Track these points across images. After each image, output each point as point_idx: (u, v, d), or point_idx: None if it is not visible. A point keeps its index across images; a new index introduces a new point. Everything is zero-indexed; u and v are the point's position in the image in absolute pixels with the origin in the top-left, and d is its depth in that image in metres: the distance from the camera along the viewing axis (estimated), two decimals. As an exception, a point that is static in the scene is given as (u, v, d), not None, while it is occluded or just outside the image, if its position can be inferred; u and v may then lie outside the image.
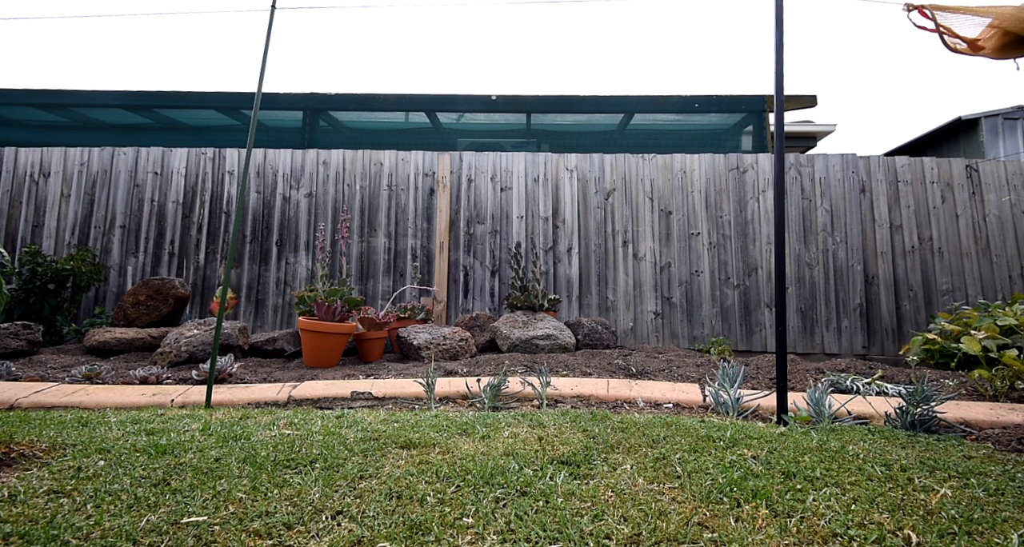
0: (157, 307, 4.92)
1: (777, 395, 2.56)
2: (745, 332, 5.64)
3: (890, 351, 5.49)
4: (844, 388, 3.34)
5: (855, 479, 1.67)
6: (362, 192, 5.98)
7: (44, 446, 1.93)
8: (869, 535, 1.30)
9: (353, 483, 1.59)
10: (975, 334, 3.80)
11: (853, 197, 5.77)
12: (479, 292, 5.82)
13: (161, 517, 1.36)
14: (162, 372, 3.60)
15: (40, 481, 1.60)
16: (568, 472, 1.69)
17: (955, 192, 5.74)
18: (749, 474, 1.67)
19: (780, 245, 2.64)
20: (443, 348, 4.44)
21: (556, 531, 1.30)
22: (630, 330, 5.70)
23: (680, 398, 3.08)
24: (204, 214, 5.92)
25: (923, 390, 2.37)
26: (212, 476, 1.64)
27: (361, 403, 3.06)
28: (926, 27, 2.88)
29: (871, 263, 5.67)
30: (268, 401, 3.05)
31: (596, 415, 2.43)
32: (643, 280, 5.77)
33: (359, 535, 1.28)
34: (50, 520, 1.33)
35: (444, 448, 1.93)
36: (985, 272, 5.60)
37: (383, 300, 5.74)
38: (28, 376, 3.61)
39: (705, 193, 5.88)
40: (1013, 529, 1.35)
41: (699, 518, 1.38)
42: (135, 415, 2.50)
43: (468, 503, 1.45)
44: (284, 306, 5.76)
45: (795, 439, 2.09)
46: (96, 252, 5.73)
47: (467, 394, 3.12)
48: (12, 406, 2.89)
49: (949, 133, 11.92)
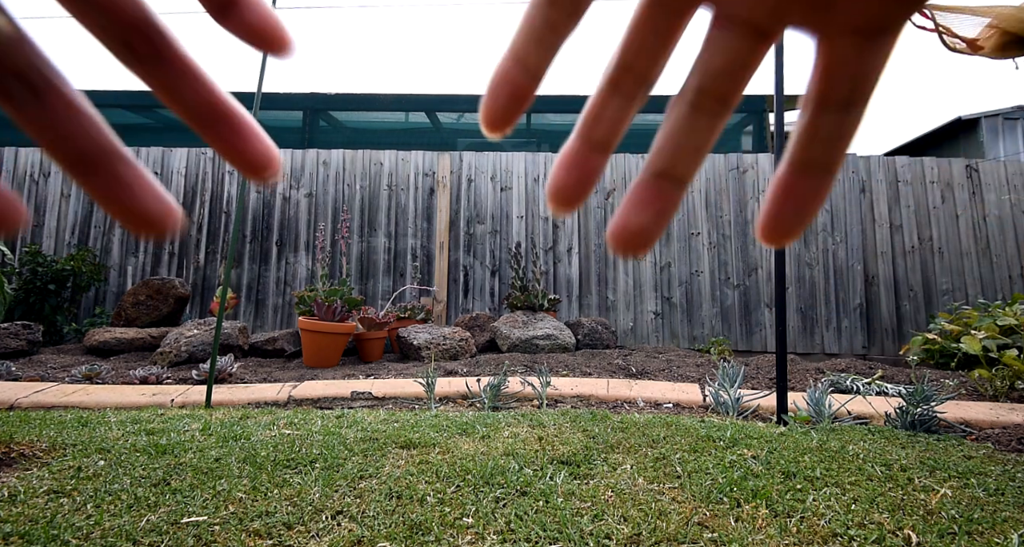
0: (157, 307, 4.92)
1: (777, 395, 2.56)
2: (745, 332, 5.64)
3: (890, 351, 5.49)
4: (844, 388, 3.34)
5: (855, 479, 1.67)
6: (362, 192, 5.98)
7: (44, 446, 1.93)
8: (869, 535, 1.30)
9: (353, 483, 1.59)
10: (975, 334, 3.80)
11: (853, 197, 5.77)
12: (479, 292, 5.82)
13: (161, 517, 1.36)
14: (162, 372, 3.60)
15: (40, 481, 1.60)
16: (568, 472, 1.69)
17: (955, 192, 5.74)
18: (749, 474, 1.67)
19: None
20: (443, 348, 4.44)
21: (556, 531, 1.30)
22: (630, 330, 5.70)
23: (680, 398, 3.08)
24: (204, 214, 5.92)
25: (923, 390, 2.37)
26: (212, 476, 1.64)
27: (361, 403, 3.06)
28: (925, 27, 2.88)
29: (871, 263, 5.67)
30: (268, 401, 3.05)
31: (596, 415, 2.43)
32: (643, 280, 5.77)
33: (359, 535, 1.28)
34: (50, 520, 1.33)
35: (444, 448, 1.93)
36: (985, 272, 5.60)
37: (383, 300, 5.74)
38: (28, 376, 3.61)
39: (705, 193, 5.88)
40: (1013, 529, 1.35)
41: (699, 518, 1.38)
42: (135, 415, 2.50)
43: (468, 503, 1.45)
44: (284, 306, 5.76)
45: (795, 439, 2.09)
46: (96, 252, 5.73)
47: (467, 394, 3.12)
48: (12, 406, 2.89)
49: (949, 133, 11.92)
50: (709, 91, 0.20)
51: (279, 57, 0.21)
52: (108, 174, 0.20)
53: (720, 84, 0.20)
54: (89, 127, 0.19)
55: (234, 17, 0.20)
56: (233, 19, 0.20)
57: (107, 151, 0.20)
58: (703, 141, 0.21)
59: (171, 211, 0.20)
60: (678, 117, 0.21)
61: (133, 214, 0.20)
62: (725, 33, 0.19)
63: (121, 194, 0.20)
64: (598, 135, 0.21)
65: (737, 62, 0.20)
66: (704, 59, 0.20)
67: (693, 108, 0.21)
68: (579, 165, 0.21)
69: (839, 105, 0.19)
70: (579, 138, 0.21)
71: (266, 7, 0.21)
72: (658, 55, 0.20)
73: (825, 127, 0.20)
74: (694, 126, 0.21)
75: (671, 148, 0.21)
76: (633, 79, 0.20)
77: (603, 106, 0.21)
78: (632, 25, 0.20)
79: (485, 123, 0.21)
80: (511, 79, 0.20)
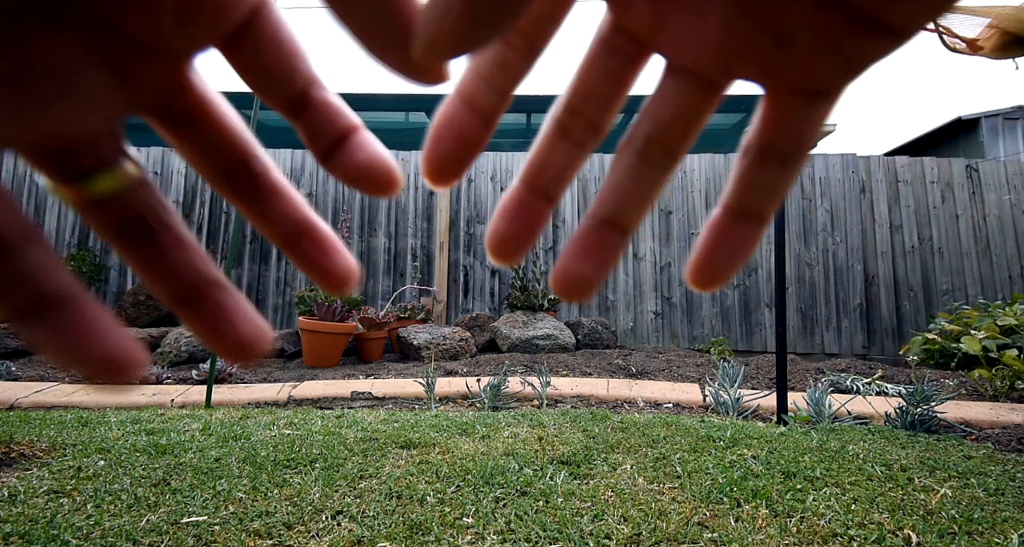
0: (157, 307, 4.92)
1: (777, 395, 2.56)
2: (745, 332, 5.64)
3: (890, 351, 5.49)
4: (844, 388, 3.34)
5: (855, 479, 1.67)
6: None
7: (44, 446, 1.93)
8: (869, 535, 1.30)
9: (353, 483, 1.59)
10: (975, 334, 3.80)
11: (853, 197, 5.77)
12: (479, 292, 5.82)
13: (161, 517, 1.36)
14: (162, 372, 3.60)
15: (40, 481, 1.60)
16: (568, 472, 1.69)
17: (955, 192, 5.74)
18: (749, 474, 1.67)
19: (780, 245, 2.65)
20: (443, 348, 4.44)
21: (556, 531, 1.30)
22: (630, 330, 5.70)
23: (680, 398, 3.08)
24: (204, 214, 5.92)
25: (923, 390, 2.37)
26: (212, 476, 1.64)
27: (361, 403, 3.06)
28: (926, 27, 2.88)
29: (871, 263, 5.66)
30: (268, 401, 3.05)
31: (596, 415, 2.43)
32: (643, 280, 5.77)
33: (359, 535, 1.28)
34: (50, 520, 1.33)
35: (444, 448, 1.93)
36: (985, 272, 5.60)
37: (383, 300, 5.74)
38: (28, 376, 3.61)
39: (705, 193, 5.88)
40: (1013, 529, 1.35)
41: (699, 518, 1.38)
42: (135, 415, 2.50)
43: (468, 503, 1.45)
44: (284, 306, 5.76)
45: (795, 439, 2.09)
46: (96, 252, 5.73)
47: (467, 394, 3.12)
48: (12, 406, 2.89)
49: (949, 133, 11.92)
50: (657, 140, 0.20)
51: (384, 197, 0.20)
52: (209, 307, 0.19)
53: (668, 134, 0.20)
54: (196, 263, 0.19)
55: (340, 158, 0.19)
56: (337, 161, 0.19)
57: (211, 283, 0.19)
58: (648, 191, 0.20)
59: (264, 337, 0.20)
60: (625, 166, 0.20)
61: (230, 344, 0.19)
62: (675, 83, 0.19)
63: (219, 326, 0.19)
64: (544, 182, 0.20)
65: (686, 113, 0.19)
66: (653, 108, 0.20)
67: (640, 157, 0.20)
68: (523, 214, 0.20)
69: (779, 159, 0.19)
70: (523, 184, 0.20)
71: (376, 148, 0.19)
72: (609, 101, 0.19)
73: (763, 178, 0.19)
74: (640, 176, 0.20)
75: (616, 197, 0.20)
76: (582, 125, 0.20)
77: (550, 151, 0.20)
78: (582, 68, 0.19)
79: (428, 173, 0.19)
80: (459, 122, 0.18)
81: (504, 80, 0.18)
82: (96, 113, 0.17)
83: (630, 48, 0.19)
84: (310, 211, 0.21)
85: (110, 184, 0.18)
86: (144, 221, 0.19)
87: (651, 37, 0.18)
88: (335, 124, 0.19)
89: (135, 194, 0.18)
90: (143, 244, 0.19)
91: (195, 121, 0.19)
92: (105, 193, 0.18)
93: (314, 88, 0.19)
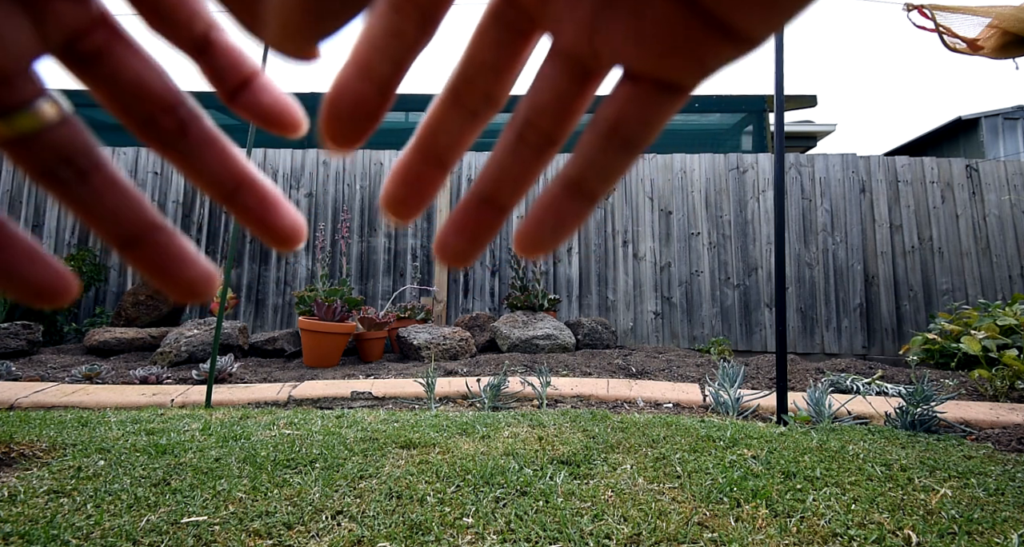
0: (157, 307, 4.92)
1: (777, 395, 2.56)
2: (745, 332, 5.64)
3: (890, 351, 5.49)
4: (844, 388, 3.34)
5: (855, 479, 1.67)
6: (362, 192, 5.98)
7: (44, 446, 1.93)
8: (869, 535, 1.30)
9: (353, 483, 1.59)
10: (975, 334, 3.80)
11: (853, 197, 5.77)
12: (479, 292, 5.82)
13: (161, 517, 1.36)
14: (162, 372, 3.60)
15: (40, 481, 1.60)
16: (568, 472, 1.69)
17: (955, 192, 5.74)
18: (749, 474, 1.67)
19: (780, 245, 2.64)
20: (443, 348, 4.44)
21: (556, 531, 1.30)
22: (630, 330, 5.70)
23: (680, 398, 3.08)
24: (204, 214, 5.92)
25: (923, 390, 2.37)
26: (212, 476, 1.64)
27: (361, 403, 3.06)
28: (926, 27, 2.88)
29: (871, 263, 5.66)
30: (268, 401, 3.05)
31: (596, 415, 2.43)
32: (643, 280, 5.77)
33: (359, 535, 1.28)
34: (50, 520, 1.33)
35: (444, 448, 1.93)
36: (985, 272, 5.60)
37: (383, 300, 5.74)
38: (28, 376, 3.61)
39: (705, 193, 5.88)
40: (1013, 529, 1.35)
41: (699, 518, 1.38)
42: (135, 415, 2.50)
43: (468, 503, 1.45)
44: (284, 306, 5.76)
45: (795, 439, 2.09)
46: (96, 252, 5.73)
47: (467, 394, 3.12)
48: (12, 406, 2.89)
49: (949, 133, 11.92)
50: (534, 124, 0.20)
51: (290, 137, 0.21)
52: (152, 248, 0.20)
53: (545, 120, 0.20)
54: (132, 204, 0.20)
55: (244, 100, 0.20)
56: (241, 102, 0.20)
57: (150, 226, 0.20)
58: (526, 172, 0.21)
59: (212, 278, 0.21)
60: (505, 145, 0.20)
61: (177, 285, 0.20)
62: (553, 68, 0.19)
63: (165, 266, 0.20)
64: (436, 149, 0.20)
65: (562, 99, 0.19)
66: (533, 92, 0.20)
67: (519, 139, 0.20)
68: (412, 179, 0.20)
69: (622, 141, 0.19)
70: (414, 150, 0.20)
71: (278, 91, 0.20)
72: (500, 73, 0.19)
73: (602, 157, 0.20)
74: (520, 157, 0.20)
75: (495, 175, 0.21)
76: (475, 94, 0.20)
77: (443, 117, 0.20)
78: (474, 36, 0.19)
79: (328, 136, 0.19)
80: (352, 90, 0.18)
81: (399, 50, 0.18)
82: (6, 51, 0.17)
83: (519, 21, 0.19)
84: (249, 164, 0.21)
85: (28, 123, 0.18)
86: (74, 161, 0.19)
87: (536, 10, 0.18)
88: (238, 68, 0.20)
89: (59, 134, 0.18)
90: (76, 184, 0.19)
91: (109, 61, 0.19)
92: (23, 132, 0.18)
93: (214, 31, 0.20)
